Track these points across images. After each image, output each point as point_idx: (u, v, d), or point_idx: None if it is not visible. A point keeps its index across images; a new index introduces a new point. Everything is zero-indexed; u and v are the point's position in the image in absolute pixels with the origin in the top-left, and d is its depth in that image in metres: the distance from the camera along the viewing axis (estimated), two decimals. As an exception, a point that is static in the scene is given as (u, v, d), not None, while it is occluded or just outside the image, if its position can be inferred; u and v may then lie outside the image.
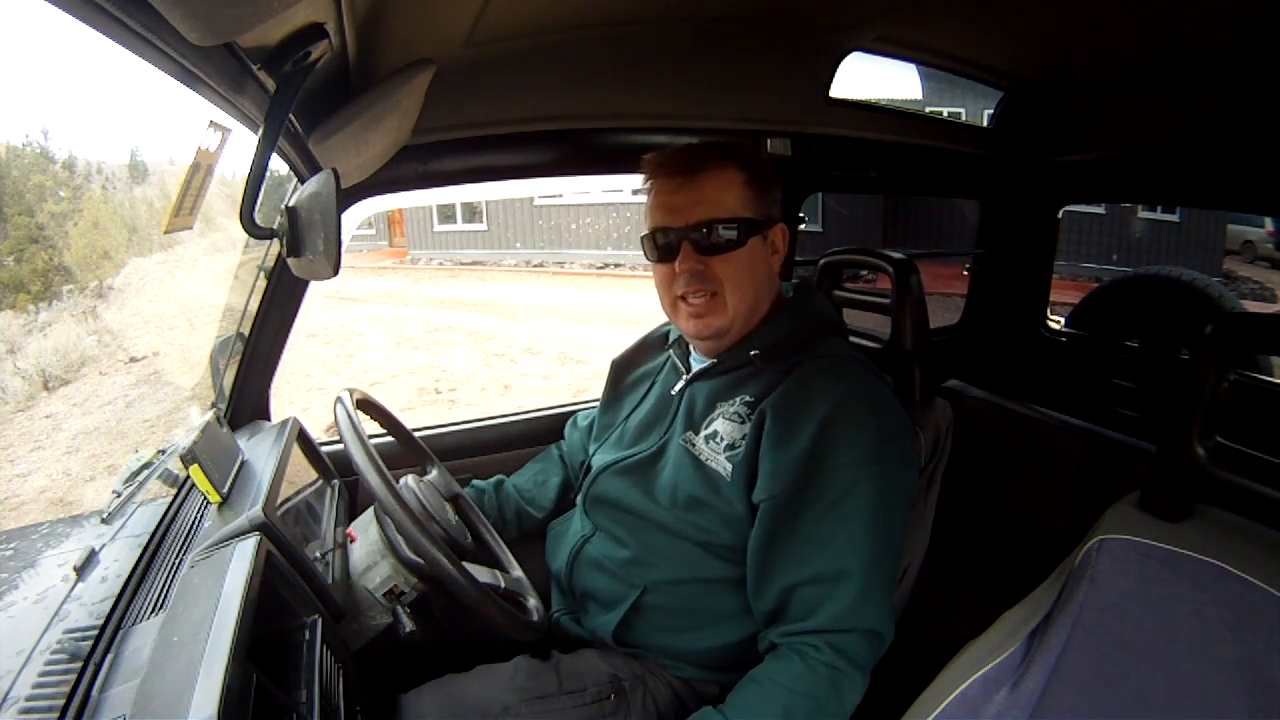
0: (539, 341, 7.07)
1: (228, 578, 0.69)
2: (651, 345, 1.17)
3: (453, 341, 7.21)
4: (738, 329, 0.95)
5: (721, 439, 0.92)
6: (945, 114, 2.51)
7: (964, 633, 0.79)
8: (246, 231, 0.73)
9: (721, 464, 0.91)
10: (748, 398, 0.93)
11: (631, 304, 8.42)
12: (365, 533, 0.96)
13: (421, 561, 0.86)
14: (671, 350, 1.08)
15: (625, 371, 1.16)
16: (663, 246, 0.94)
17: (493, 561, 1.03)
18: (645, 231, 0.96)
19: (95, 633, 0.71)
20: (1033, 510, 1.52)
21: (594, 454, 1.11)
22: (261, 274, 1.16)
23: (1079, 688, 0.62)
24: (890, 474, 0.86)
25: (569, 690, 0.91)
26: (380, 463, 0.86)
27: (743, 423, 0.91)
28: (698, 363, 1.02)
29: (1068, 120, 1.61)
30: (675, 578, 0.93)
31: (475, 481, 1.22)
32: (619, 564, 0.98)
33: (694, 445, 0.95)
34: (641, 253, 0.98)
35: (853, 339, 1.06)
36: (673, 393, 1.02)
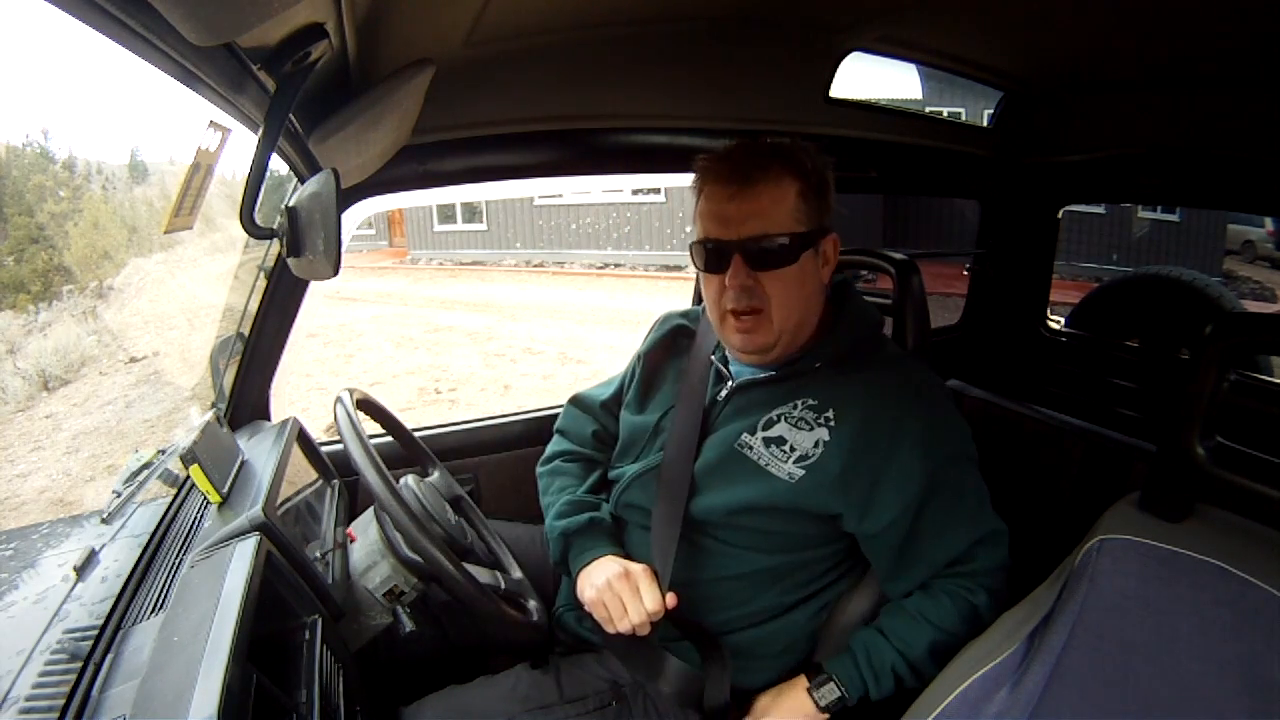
0: (539, 341, 7.07)
1: (228, 578, 0.69)
2: (681, 335, 1.10)
3: (453, 341, 7.21)
4: (784, 344, 0.92)
5: (791, 447, 0.89)
6: (945, 114, 2.51)
7: (964, 633, 0.79)
8: (246, 231, 0.73)
9: (786, 470, 0.88)
10: (810, 401, 0.91)
11: (631, 304, 8.43)
12: (365, 533, 0.96)
13: (421, 561, 0.86)
14: (714, 355, 1.03)
15: (658, 366, 1.10)
16: (713, 257, 0.89)
17: (493, 562, 1.03)
18: (696, 238, 0.92)
19: (95, 633, 0.71)
20: (1033, 510, 1.52)
21: (624, 459, 1.06)
22: (261, 274, 1.16)
23: (1079, 688, 0.62)
24: (973, 459, 0.93)
25: (570, 699, 0.91)
26: (380, 463, 0.86)
27: (811, 429, 0.89)
28: (746, 370, 0.98)
29: (1068, 120, 1.61)
30: (684, 577, 0.93)
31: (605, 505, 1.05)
32: None
33: (751, 449, 0.91)
34: (641, 252, 0.98)
35: None
36: (719, 397, 0.98)
